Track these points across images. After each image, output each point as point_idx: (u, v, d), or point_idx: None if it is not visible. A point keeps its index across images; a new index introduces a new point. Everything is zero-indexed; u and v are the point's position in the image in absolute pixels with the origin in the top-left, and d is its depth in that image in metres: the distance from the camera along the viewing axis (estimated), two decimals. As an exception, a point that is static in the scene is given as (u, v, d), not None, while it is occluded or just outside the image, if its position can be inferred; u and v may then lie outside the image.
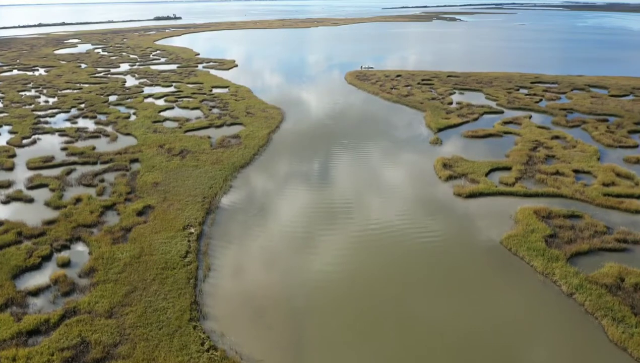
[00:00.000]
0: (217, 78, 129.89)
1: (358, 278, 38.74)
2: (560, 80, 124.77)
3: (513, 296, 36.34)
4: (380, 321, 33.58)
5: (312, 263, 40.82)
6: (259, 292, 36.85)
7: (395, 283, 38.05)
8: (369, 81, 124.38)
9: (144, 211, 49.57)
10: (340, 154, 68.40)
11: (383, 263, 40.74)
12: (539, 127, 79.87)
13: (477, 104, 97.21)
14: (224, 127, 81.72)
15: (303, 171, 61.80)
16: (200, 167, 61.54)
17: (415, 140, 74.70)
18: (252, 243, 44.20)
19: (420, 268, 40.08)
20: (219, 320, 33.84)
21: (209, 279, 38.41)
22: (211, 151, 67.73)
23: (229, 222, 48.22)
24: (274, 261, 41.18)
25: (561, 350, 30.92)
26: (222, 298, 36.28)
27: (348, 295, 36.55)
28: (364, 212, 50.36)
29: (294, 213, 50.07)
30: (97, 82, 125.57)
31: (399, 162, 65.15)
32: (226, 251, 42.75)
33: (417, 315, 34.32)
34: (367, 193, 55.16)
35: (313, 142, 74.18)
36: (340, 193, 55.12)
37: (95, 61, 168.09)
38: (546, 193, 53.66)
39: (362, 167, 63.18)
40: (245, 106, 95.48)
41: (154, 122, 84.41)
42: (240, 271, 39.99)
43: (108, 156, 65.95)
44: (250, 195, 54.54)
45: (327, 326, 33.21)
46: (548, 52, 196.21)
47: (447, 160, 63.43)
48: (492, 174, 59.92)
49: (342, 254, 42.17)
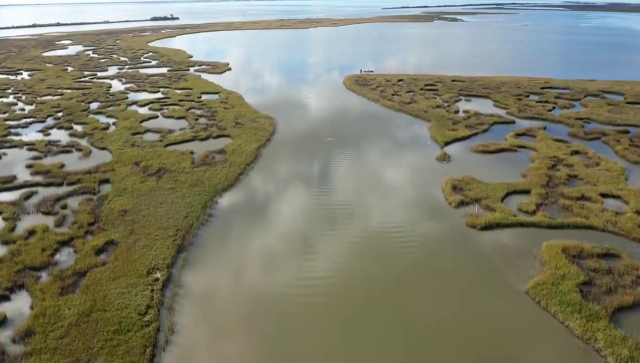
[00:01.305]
0: (208, 83, 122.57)
1: (358, 335, 31.54)
2: (572, 85, 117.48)
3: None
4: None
5: (305, 327, 33.57)
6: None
7: (400, 347, 30.81)
8: (368, 86, 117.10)
9: (104, 248, 42.32)
10: (337, 174, 61.07)
11: (386, 323, 33.46)
12: (555, 140, 72.62)
13: (485, 112, 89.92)
14: (209, 140, 74.43)
15: (293, 197, 54.39)
16: (178, 190, 54.26)
17: (421, 156, 67.35)
18: (229, 292, 36.97)
19: (428, 330, 32.78)
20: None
21: (171, 347, 31.13)
22: (192, 170, 60.44)
23: (204, 262, 40.98)
24: (257, 319, 33.90)
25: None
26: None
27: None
28: (367, 247, 43.10)
29: (281, 252, 42.82)
30: (80, 88, 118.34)
31: (404, 185, 57.75)
32: (196, 304, 35.48)
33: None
34: (370, 223, 47.82)
35: (306, 158, 66.90)
36: (336, 223, 47.85)
37: (83, 64, 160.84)
38: (573, 224, 46.42)
39: (363, 191, 55.87)
40: (235, 115, 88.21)
41: (134, 134, 77.15)
42: (212, 332, 32.75)
43: (76, 176, 58.66)
44: (230, 227, 47.19)
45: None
46: (555, 55, 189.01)
47: (457, 182, 56.13)
48: (508, 198, 52.67)
49: (341, 314, 34.91)
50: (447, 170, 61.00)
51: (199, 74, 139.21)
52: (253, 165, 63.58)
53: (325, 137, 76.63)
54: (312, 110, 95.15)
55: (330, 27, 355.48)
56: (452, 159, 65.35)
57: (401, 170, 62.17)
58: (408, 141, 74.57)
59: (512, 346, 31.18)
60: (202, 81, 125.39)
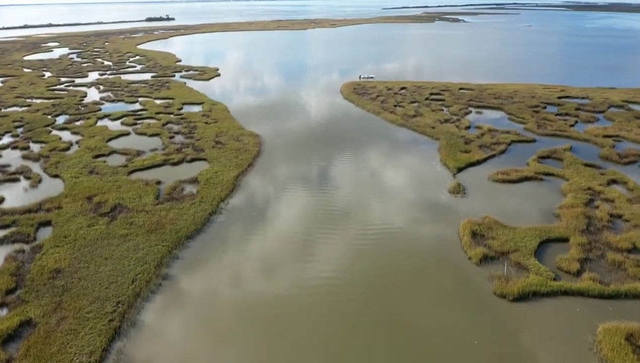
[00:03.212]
0: (192, 92, 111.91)
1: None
2: (591, 94, 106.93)
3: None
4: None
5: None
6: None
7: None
8: (368, 96, 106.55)
9: (16, 334, 31.82)
10: (327, 214, 50.45)
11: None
12: (586, 165, 62.13)
13: (500, 128, 79.34)
14: (182, 164, 63.93)
15: (275, 251, 43.59)
16: (131, 238, 43.71)
17: (430, 187, 56.62)
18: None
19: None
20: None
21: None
22: (153, 208, 49.86)
23: (148, 353, 30.46)
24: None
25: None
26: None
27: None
28: (359, 343, 32.62)
29: (255, 334, 32.33)
30: (52, 97, 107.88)
31: (412, 231, 46.92)
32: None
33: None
34: (367, 305, 37.34)
35: (293, 191, 56.33)
36: (327, 289, 37.34)
37: (63, 69, 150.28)
38: (632, 293, 35.94)
39: (361, 237, 45.37)
40: (217, 132, 77.62)
41: (96, 156, 66.64)
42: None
43: (12, 217, 48.10)
44: (189, 296, 36.64)
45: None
46: (566, 59, 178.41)
47: (477, 226, 45.58)
48: (542, 249, 42.20)
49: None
50: (463, 208, 50.42)
51: (184, 80, 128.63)
52: (229, 199, 52.93)
53: (317, 160, 66.12)
54: (304, 126, 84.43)
55: (329, 28, 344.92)
56: (467, 191, 54.77)
57: (408, 209, 51.45)
58: (414, 167, 63.93)
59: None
60: (186, 89, 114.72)
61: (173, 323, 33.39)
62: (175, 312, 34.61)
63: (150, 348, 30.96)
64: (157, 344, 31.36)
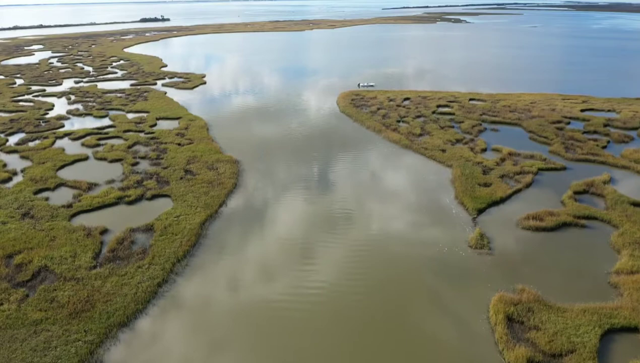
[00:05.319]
0: (171, 104, 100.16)
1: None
2: (617, 107, 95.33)
3: None
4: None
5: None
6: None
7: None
8: (368, 109, 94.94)
9: None
10: (318, 288, 38.87)
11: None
12: (634, 205, 50.59)
13: (522, 151, 67.66)
14: (141, 203, 52.35)
15: (244, 333, 32.18)
16: (45, 328, 32.08)
17: (445, 238, 44.85)
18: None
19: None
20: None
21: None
22: (87, 274, 38.24)
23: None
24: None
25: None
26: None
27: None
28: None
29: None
30: (14, 110, 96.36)
31: (423, 314, 35.50)
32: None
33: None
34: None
35: (272, 243, 44.74)
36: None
37: (38, 76, 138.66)
38: None
39: (359, 322, 33.84)
40: (189, 157, 65.98)
41: (38, 191, 55.08)
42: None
43: None
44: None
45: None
46: (580, 64, 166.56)
47: (513, 307, 33.94)
48: (606, 344, 30.67)
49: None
50: (490, 272, 38.80)
51: (165, 89, 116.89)
52: (187, 260, 41.22)
53: (304, 200, 54.34)
54: (292, 148, 72.59)
55: (327, 30, 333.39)
56: (493, 245, 43.13)
57: (418, 275, 39.80)
58: (424, 207, 52.04)
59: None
60: (165, 101, 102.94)
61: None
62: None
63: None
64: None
